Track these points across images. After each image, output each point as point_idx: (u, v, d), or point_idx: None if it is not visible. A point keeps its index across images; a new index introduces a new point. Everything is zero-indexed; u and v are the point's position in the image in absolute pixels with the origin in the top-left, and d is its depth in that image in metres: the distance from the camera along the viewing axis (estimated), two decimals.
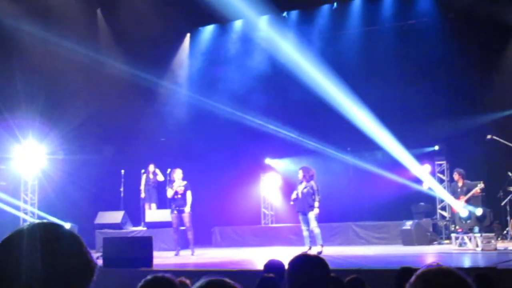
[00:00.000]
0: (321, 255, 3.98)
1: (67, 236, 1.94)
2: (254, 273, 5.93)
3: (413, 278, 2.42)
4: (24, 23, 17.79)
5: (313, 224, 14.46)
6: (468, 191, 15.47)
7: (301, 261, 3.75)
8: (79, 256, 1.93)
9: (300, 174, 14.84)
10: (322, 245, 14.37)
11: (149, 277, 4.07)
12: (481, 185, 15.42)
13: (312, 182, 14.66)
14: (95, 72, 19.32)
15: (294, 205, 14.96)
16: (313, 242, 14.52)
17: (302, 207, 14.61)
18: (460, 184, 15.72)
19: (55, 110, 18.97)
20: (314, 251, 13.93)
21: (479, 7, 17.01)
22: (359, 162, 18.78)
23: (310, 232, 14.57)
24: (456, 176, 15.84)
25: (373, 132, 18.43)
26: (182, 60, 22.02)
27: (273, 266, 6.24)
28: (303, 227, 14.70)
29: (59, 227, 1.96)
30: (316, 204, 14.46)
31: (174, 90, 21.17)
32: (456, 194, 15.70)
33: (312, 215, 14.44)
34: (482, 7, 16.93)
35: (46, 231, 1.92)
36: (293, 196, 14.81)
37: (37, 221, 1.97)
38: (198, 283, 2.65)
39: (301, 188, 14.67)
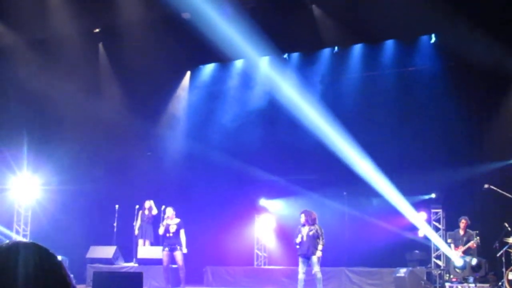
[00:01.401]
0: None
1: (51, 257, 1.92)
2: None
3: None
4: (23, 54, 17.83)
5: (317, 268, 14.39)
6: (468, 241, 15.39)
7: None
8: (59, 277, 1.89)
9: (303, 218, 14.76)
10: None
11: None
12: (477, 240, 15.36)
13: (316, 226, 14.62)
14: (92, 104, 19.32)
15: (298, 249, 14.84)
16: (313, 286, 14.40)
17: (306, 250, 14.53)
18: (462, 232, 15.66)
19: (51, 141, 18.93)
20: None
21: (480, 57, 17.10)
22: (354, 207, 18.68)
23: (313, 275, 14.47)
24: (463, 223, 15.77)
25: (370, 178, 18.39)
26: (180, 98, 22.04)
27: None
28: (301, 270, 14.59)
29: (44, 248, 1.95)
30: (320, 247, 14.43)
31: (171, 127, 21.16)
32: (457, 242, 15.65)
33: (315, 258, 14.39)
34: (483, 57, 17.01)
35: (39, 251, 1.91)
36: (298, 239, 14.68)
37: (27, 241, 1.97)
38: None
39: (305, 231, 14.60)
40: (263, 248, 20.56)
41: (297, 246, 14.86)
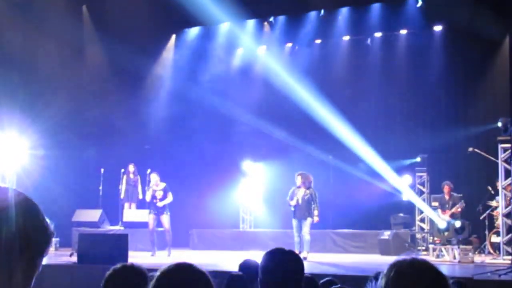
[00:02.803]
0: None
1: (27, 200, 1.90)
2: (229, 273, 5.85)
3: (387, 268, 2.37)
4: (5, 16, 17.54)
5: (306, 230, 14.50)
6: (454, 205, 15.52)
7: (276, 254, 3.70)
8: (37, 220, 1.88)
9: (299, 180, 14.77)
10: (308, 252, 14.37)
11: (118, 265, 4.02)
12: (462, 204, 15.49)
13: (311, 189, 14.66)
14: (77, 68, 19.15)
15: (293, 212, 14.86)
16: (301, 247, 14.50)
17: (301, 213, 14.58)
18: (447, 197, 15.77)
19: (36, 103, 18.75)
20: (301, 256, 13.89)
21: (466, 21, 17.08)
22: (340, 170, 18.69)
23: (301, 238, 14.56)
24: (446, 188, 15.86)
25: (355, 142, 18.45)
26: (165, 61, 21.88)
27: (248, 266, 6.18)
28: (295, 233, 14.70)
29: (23, 193, 1.93)
30: (316, 212, 14.49)
31: (155, 91, 21.02)
32: (443, 207, 15.78)
33: (309, 221, 14.47)
34: (469, 22, 17.00)
35: (18, 194, 1.90)
36: (293, 202, 14.71)
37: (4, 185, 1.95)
38: (166, 266, 2.59)
39: (301, 195, 14.63)
40: (249, 211, 20.62)
41: (292, 209, 14.89)
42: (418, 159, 18.16)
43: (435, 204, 16.51)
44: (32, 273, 1.88)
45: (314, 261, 13.96)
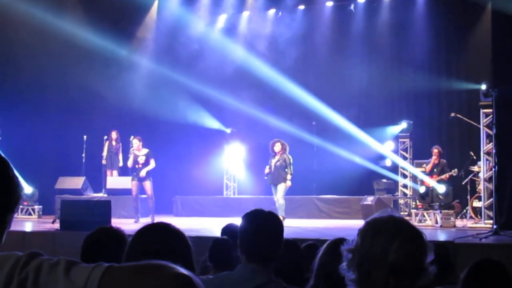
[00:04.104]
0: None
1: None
2: (211, 238, 5.87)
3: (363, 224, 2.36)
4: None
5: (279, 195, 14.56)
6: (442, 171, 15.55)
7: (254, 215, 3.69)
8: (4, 176, 1.83)
9: (278, 147, 14.79)
10: (284, 217, 14.40)
11: (97, 228, 4.02)
12: (454, 172, 15.51)
13: (285, 155, 14.69)
14: (59, 32, 18.85)
15: (267, 179, 14.96)
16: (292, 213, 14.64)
17: (274, 179, 14.66)
18: (436, 162, 15.81)
19: (12, 67, 18.51)
20: None
21: None
22: (323, 136, 18.72)
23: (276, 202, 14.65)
24: (435, 153, 15.86)
25: (339, 107, 18.46)
26: (148, 28, 21.68)
27: (230, 230, 6.19)
28: (275, 199, 14.74)
29: None
30: (289, 177, 14.53)
31: (138, 57, 20.80)
32: (431, 172, 15.82)
33: (282, 186, 14.52)
34: None
35: None
36: (266, 170, 14.86)
37: None
38: (143, 225, 2.58)
39: (274, 162, 14.71)
40: (232, 178, 20.64)
41: (266, 178, 15.03)
42: (404, 125, 18.12)
43: (421, 169, 16.56)
44: (2, 230, 1.85)
45: (297, 226, 14.03)
